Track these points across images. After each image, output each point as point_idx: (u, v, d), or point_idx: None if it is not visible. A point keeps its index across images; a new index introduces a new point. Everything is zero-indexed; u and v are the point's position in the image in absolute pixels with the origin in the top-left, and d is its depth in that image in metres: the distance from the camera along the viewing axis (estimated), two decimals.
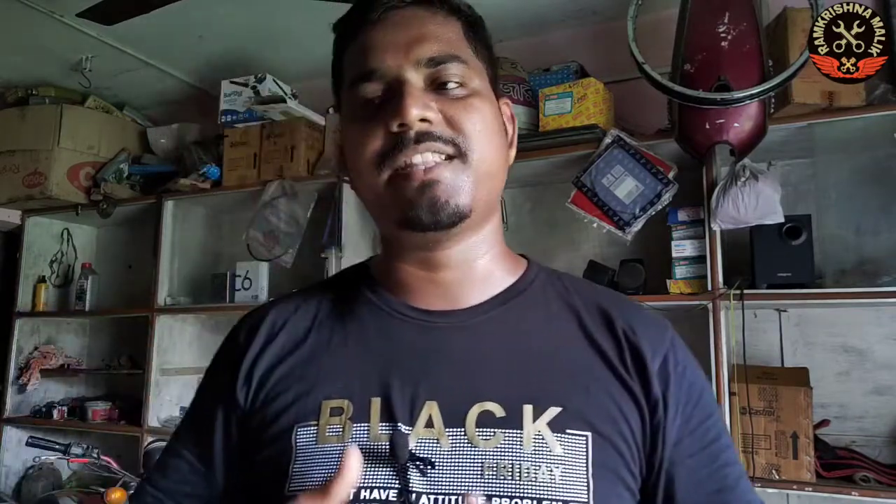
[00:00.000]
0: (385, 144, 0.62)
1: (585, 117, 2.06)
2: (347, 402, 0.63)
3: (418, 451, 0.60)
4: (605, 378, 0.64)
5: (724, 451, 0.66)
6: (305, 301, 0.73)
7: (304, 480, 0.61)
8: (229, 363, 0.70)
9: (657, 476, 0.63)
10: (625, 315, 0.68)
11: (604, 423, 0.62)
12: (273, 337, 0.70)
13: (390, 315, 0.68)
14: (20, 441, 2.92)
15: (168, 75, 2.88)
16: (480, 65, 0.68)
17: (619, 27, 1.98)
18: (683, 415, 0.64)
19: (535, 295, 0.70)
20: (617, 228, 2.02)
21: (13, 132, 2.84)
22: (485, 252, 0.69)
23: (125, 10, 1.97)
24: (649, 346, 0.66)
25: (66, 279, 3.17)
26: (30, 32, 2.49)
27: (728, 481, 0.64)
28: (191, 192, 2.71)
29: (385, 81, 0.63)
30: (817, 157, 2.04)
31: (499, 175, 0.67)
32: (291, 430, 0.63)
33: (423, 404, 0.62)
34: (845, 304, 1.90)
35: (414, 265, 0.68)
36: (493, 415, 0.61)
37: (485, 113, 0.65)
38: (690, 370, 0.67)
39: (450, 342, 0.65)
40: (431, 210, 0.61)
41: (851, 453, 1.84)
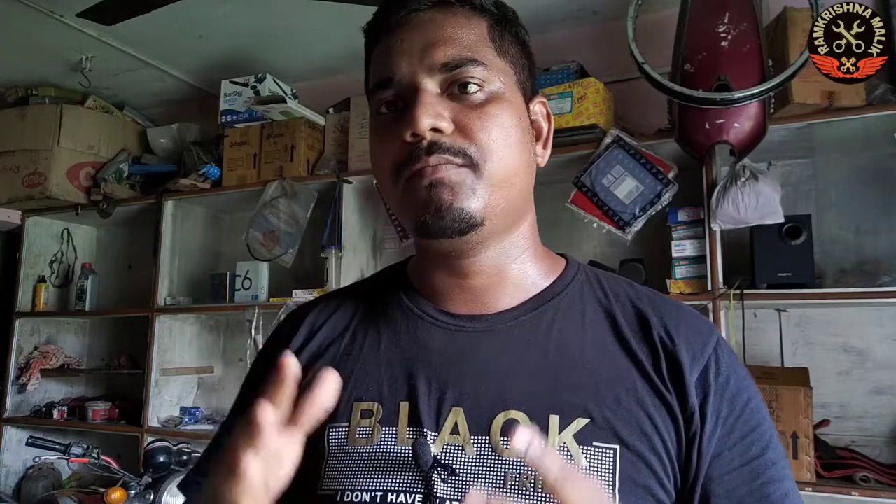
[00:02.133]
0: (400, 154, 0.62)
1: (585, 117, 2.06)
2: (377, 405, 0.64)
3: (443, 457, 0.60)
4: (638, 388, 0.62)
5: (770, 468, 0.61)
6: (346, 300, 0.74)
7: (335, 481, 0.62)
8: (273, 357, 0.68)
9: (691, 491, 0.60)
10: (664, 320, 0.65)
11: (634, 437, 0.59)
12: (313, 334, 0.71)
13: (421, 319, 0.68)
14: (20, 441, 2.92)
15: (168, 75, 2.88)
16: (505, 65, 0.65)
17: (619, 27, 1.98)
18: (724, 427, 0.61)
19: (570, 299, 0.68)
20: (617, 228, 2.02)
21: (13, 132, 2.84)
22: (517, 256, 0.67)
23: (125, 10, 1.97)
24: (688, 354, 0.63)
25: (66, 279, 3.17)
26: (30, 32, 2.49)
27: (770, 500, 0.60)
28: (191, 192, 2.71)
29: (401, 88, 0.63)
30: (817, 157, 2.04)
31: (520, 180, 0.65)
32: (324, 430, 0.64)
33: (450, 410, 0.62)
34: (845, 304, 1.90)
35: (443, 271, 0.68)
36: (518, 424, 0.60)
37: (502, 118, 0.63)
38: (735, 379, 0.63)
39: (478, 347, 0.65)
40: (438, 213, 0.60)
41: (851, 453, 1.84)
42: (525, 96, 0.67)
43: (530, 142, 0.67)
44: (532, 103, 0.69)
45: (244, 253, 2.57)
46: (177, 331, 2.80)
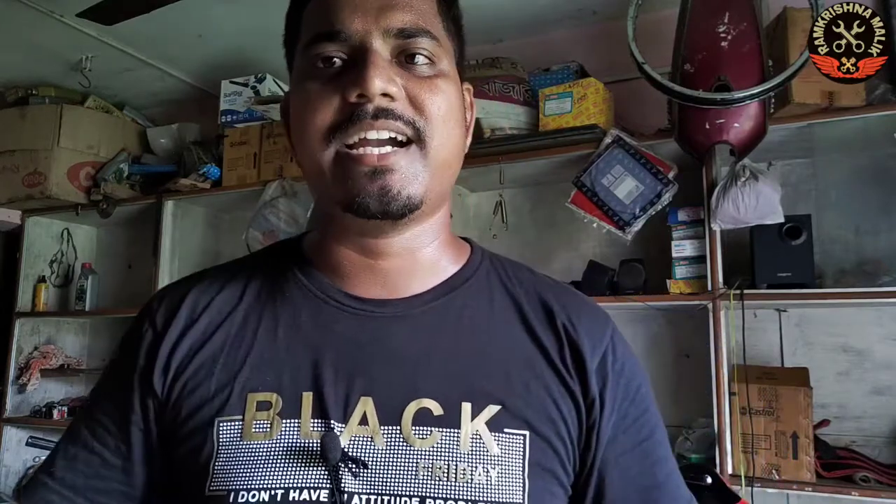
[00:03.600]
0: (338, 115, 0.57)
1: (585, 117, 2.06)
2: (276, 395, 0.59)
3: (351, 449, 0.57)
4: (545, 375, 0.62)
5: (657, 448, 0.65)
6: (231, 280, 0.67)
7: (227, 480, 0.57)
8: (145, 348, 0.63)
9: (589, 473, 0.62)
10: (566, 309, 0.66)
11: (542, 422, 0.60)
12: (194, 320, 0.64)
13: (325, 302, 0.63)
14: (20, 441, 2.92)
15: (168, 75, 2.88)
16: (450, 44, 0.63)
17: (619, 27, 1.98)
18: (619, 412, 0.63)
19: (478, 285, 0.67)
20: (617, 228, 2.02)
21: (13, 132, 2.84)
22: (431, 241, 0.64)
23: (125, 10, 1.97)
24: (589, 342, 0.64)
25: (66, 279, 3.16)
26: (30, 32, 2.49)
27: (658, 478, 0.64)
28: (191, 192, 2.71)
29: (349, 45, 0.58)
30: (817, 157, 2.04)
31: (455, 164, 0.63)
32: (212, 424, 0.59)
33: (358, 400, 0.58)
34: (845, 304, 1.90)
35: (353, 250, 0.63)
36: (430, 413, 0.58)
37: (450, 96, 0.60)
38: (629, 366, 0.66)
39: (388, 334, 0.61)
40: (381, 200, 0.56)
41: (851, 453, 1.84)
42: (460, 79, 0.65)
43: (465, 127, 0.65)
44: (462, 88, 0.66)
45: (244, 253, 2.55)
46: None
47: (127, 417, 0.63)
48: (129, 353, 0.65)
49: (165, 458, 0.62)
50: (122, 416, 0.63)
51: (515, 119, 2.19)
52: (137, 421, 0.63)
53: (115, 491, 0.63)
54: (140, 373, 0.63)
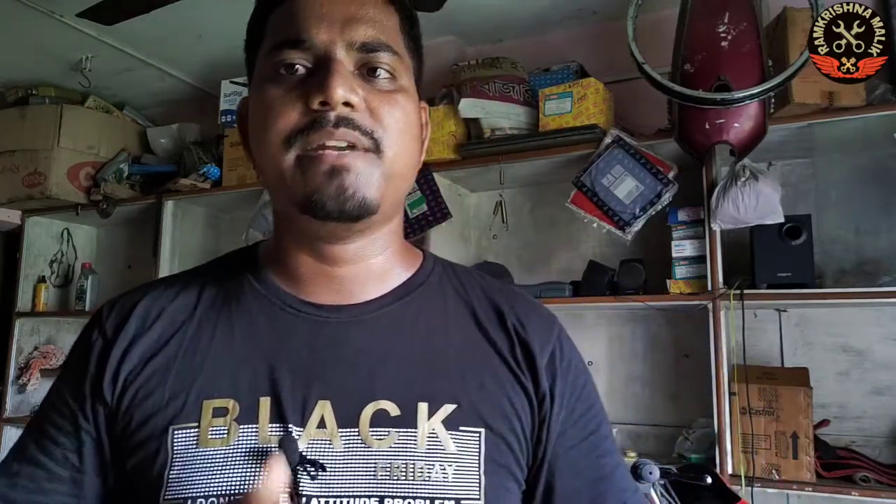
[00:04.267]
0: (300, 121, 0.58)
1: (585, 117, 2.06)
2: (233, 401, 0.59)
3: (310, 452, 0.57)
4: (499, 374, 0.64)
5: (603, 442, 0.68)
6: (186, 288, 0.67)
7: (183, 487, 0.56)
8: (95, 356, 0.63)
9: (540, 467, 0.64)
10: (515, 310, 0.68)
11: (496, 420, 0.62)
12: (146, 328, 0.63)
13: (282, 309, 0.64)
14: None
15: (168, 75, 2.88)
16: (410, 62, 0.65)
17: (619, 27, 1.98)
18: (567, 407, 0.66)
19: (431, 290, 0.68)
20: (617, 228, 2.02)
21: (13, 132, 2.84)
22: (384, 249, 0.66)
23: (125, 10, 1.97)
24: (538, 341, 0.66)
25: (66, 279, 3.17)
26: (30, 32, 2.49)
27: (605, 470, 0.66)
28: (191, 192, 2.71)
29: (313, 54, 0.59)
30: (817, 157, 2.04)
31: (409, 176, 0.64)
32: (166, 433, 0.58)
33: (316, 404, 0.59)
34: (845, 304, 1.90)
35: (309, 255, 0.64)
36: (387, 414, 0.59)
37: (408, 111, 0.62)
38: (575, 363, 0.68)
39: (344, 338, 0.63)
40: (338, 199, 0.57)
41: (851, 453, 1.84)
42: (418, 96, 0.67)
43: (420, 143, 0.67)
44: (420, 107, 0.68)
45: None
46: None
47: (77, 427, 0.62)
48: (79, 361, 0.64)
49: (118, 468, 0.62)
50: (72, 425, 0.62)
51: (515, 119, 2.19)
52: (89, 430, 0.62)
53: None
54: (90, 381, 0.62)
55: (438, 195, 2.26)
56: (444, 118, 2.26)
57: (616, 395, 2.25)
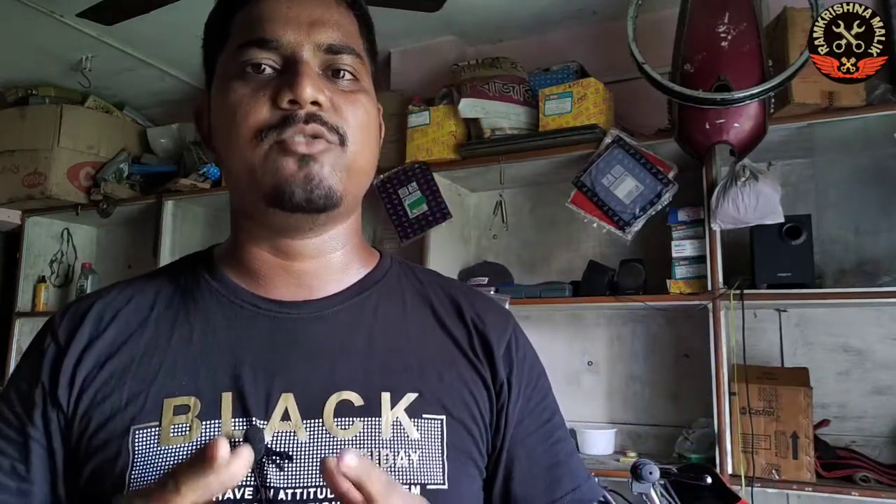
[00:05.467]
0: (269, 118, 0.59)
1: (585, 117, 2.06)
2: (194, 399, 0.59)
3: (275, 444, 0.58)
4: (457, 363, 0.66)
5: (558, 429, 0.71)
6: (140, 291, 0.67)
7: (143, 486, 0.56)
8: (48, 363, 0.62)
9: (499, 453, 0.67)
10: (473, 305, 0.71)
11: (456, 407, 0.64)
12: (100, 332, 0.63)
13: (240, 307, 0.65)
14: None
15: (168, 75, 2.88)
16: (368, 63, 0.67)
17: (619, 27, 1.98)
18: (524, 396, 0.68)
19: (389, 285, 0.71)
20: (617, 228, 2.02)
21: (13, 132, 2.84)
22: (343, 244, 0.68)
23: (125, 10, 1.97)
24: (495, 332, 0.69)
25: (66, 279, 3.17)
26: (30, 32, 2.49)
27: (560, 456, 0.70)
28: (191, 192, 2.72)
29: (281, 55, 0.61)
30: (817, 157, 2.04)
31: (369, 173, 0.66)
32: (127, 433, 0.58)
33: (279, 397, 0.60)
34: (845, 304, 1.90)
35: (268, 252, 0.65)
36: (351, 404, 0.61)
37: (369, 110, 0.65)
38: (530, 355, 0.72)
39: (305, 333, 0.64)
40: (306, 187, 0.59)
41: (851, 453, 1.84)
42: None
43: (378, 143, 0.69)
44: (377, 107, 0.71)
45: None
46: None
47: (26, 435, 0.61)
48: (30, 369, 0.63)
49: (74, 474, 0.60)
50: (20, 435, 0.61)
51: (515, 119, 2.19)
52: (39, 438, 0.61)
53: None
54: (42, 388, 0.61)
55: (438, 195, 2.26)
56: (444, 118, 2.26)
57: (616, 395, 2.25)
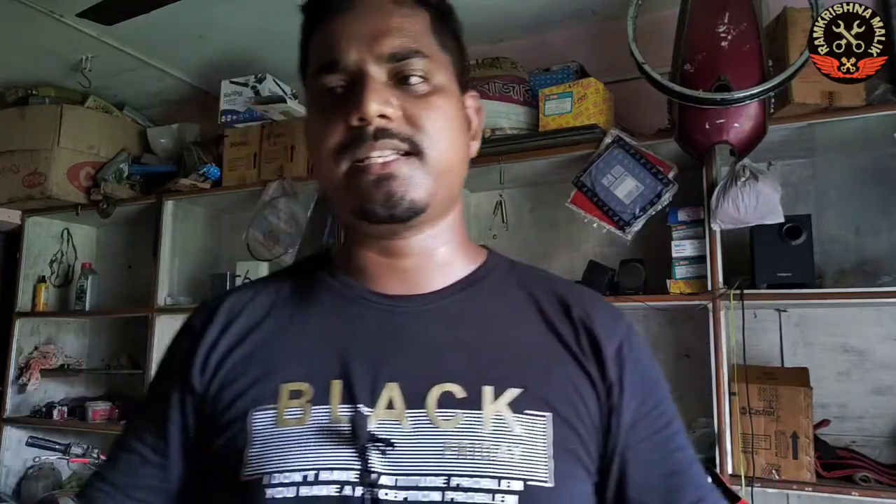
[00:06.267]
0: (344, 138, 0.62)
1: (585, 117, 2.06)
2: (307, 385, 0.63)
3: (379, 432, 0.60)
4: (563, 361, 0.66)
5: (677, 436, 0.68)
6: (264, 288, 0.73)
7: (262, 465, 0.61)
8: (185, 350, 0.70)
9: (611, 457, 0.65)
10: (582, 303, 0.70)
11: (563, 405, 0.63)
12: (230, 322, 0.70)
13: (352, 299, 0.69)
14: (20, 441, 2.92)
15: (168, 75, 2.88)
16: (445, 58, 0.68)
17: (619, 27, 1.98)
18: (638, 398, 0.66)
19: (494, 283, 0.71)
20: (617, 228, 2.02)
21: (13, 132, 2.84)
22: (445, 242, 0.70)
23: (125, 10, 1.97)
24: (604, 331, 0.68)
25: (66, 279, 3.16)
26: (30, 32, 2.49)
27: (680, 465, 0.67)
28: (191, 192, 2.71)
29: (347, 73, 0.63)
30: (817, 157, 2.04)
31: (458, 169, 0.68)
32: (247, 415, 0.63)
33: (384, 386, 0.62)
34: (845, 304, 1.90)
35: (374, 252, 0.69)
36: (453, 396, 0.62)
37: (445, 110, 0.65)
38: (644, 357, 0.70)
39: (411, 326, 0.66)
40: (386, 204, 0.62)
41: (851, 453, 1.84)
42: (461, 89, 0.70)
43: (466, 134, 0.70)
44: (465, 97, 0.71)
45: (244, 253, 2.57)
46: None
47: (166, 416, 0.68)
48: (172, 356, 0.72)
49: (203, 451, 0.66)
50: (161, 415, 0.69)
51: (515, 119, 2.19)
52: (175, 419, 0.68)
53: (152, 486, 0.68)
54: (180, 373, 0.69)
55: None
56: None
57: None
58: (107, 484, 0.69)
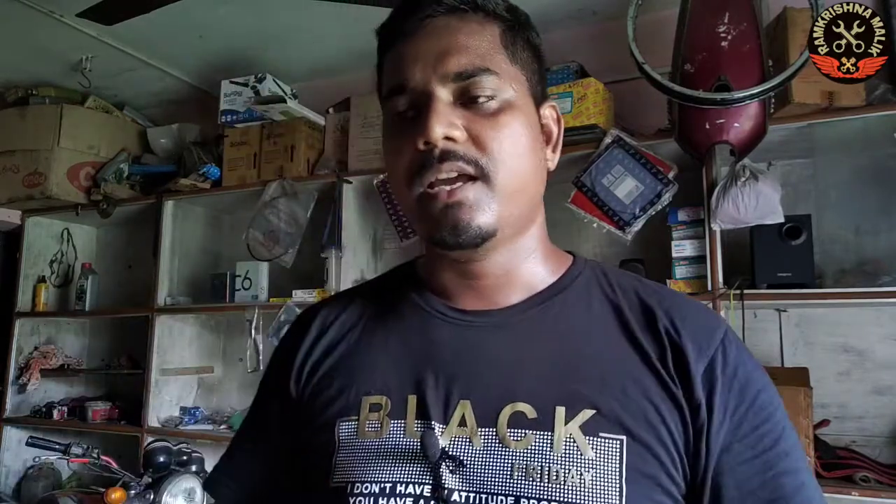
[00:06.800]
0: (413, 161, 0.63)
1: (585, 117, 2.06)
2: (385, 398, 0.65)
3: (451, 449, 0.61)
4: (644, 380, 0.62)
5: (784, 459, 0.61)
6: (354, 300, 0.76)
7: (345, 473, 0.63)
8: (284, 358, 0.74)
9: (702, 484, 0.60)
10: (670, 313, 0.66)
11: (640, 427, 0.60)
12: (323, 333, 0.73)
13: (430, 315, 0.70)
14: (20, 441, 2.92)
15: (168, 75, 2.88)
16: (517, 72, 0.66)
17: (619, 27, 1.98)
18: (733, 420, 0.61)
19: (576, 293, 0.69)
20: (617, 228, 2.02)
21: (13, 132, 2.84)
22: (526, 257, 0.69)
23: (125, 10, 1.97)
24: (694, 346, 0.63)
25: (66, 279, 3.16)
26: (30, 32, 2.49)
27: (785, 490, 0.60)
28: (191, 192, 2.71)
29: (414, 95, 0.63)
30: (817, 157, 2.04)
31: (531, 188, 0.66)
32: (335, 424, 0.66)
33: (457, 403, 0.63)
34: (845, 304, 1.90)
35: (453, 272, 0.69)
36: (525, 416, 0.61)
37: (514, 128, 0.63)
38: (743, 371, 0.63)
39: (486, 341, 0.66)
40: (454, 232, 0.62)
41: (851, 453, 1.84)
42: (536, 101, 0.68)
43: (541, 147, 0.68)
44: (542, 107, 0.70)
45: (244, 253, 2.57)
46: (176, 331, 2.79)
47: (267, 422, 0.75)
48: (273, 364, 0.77)
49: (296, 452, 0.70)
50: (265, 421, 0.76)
51: None
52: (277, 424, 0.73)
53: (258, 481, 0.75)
54: (280, 380, 0.73)
55: None
56: None
57: None
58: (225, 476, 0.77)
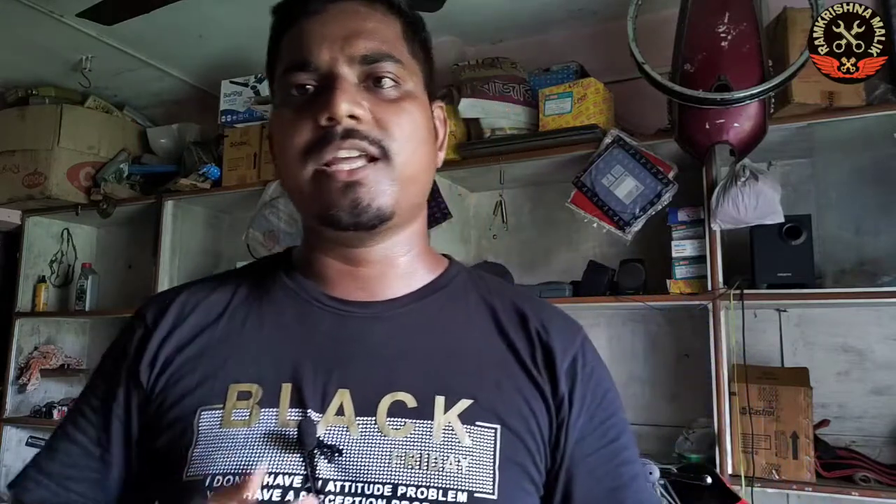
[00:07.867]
0: (312, 138, 0.61)
1: (585, 117, 2.06)
2: (257, 386, 0.63)
3: (327, 438, 0.60)
4: (516, 374, 0.66)
5: (624, 451, 0.68)
6: (221, 285, 0.72)
7: (205, 466, 0.60)
8: (134, 344, 0.68)
9: (558, 471, 0.65)
10: (539, 315, 0.70)
11: (513, 418, 0.63)
12: (183, 319, 0.68)
13: (308, 302, 0.68)
14: (20, 441, 2.92)
15: (168, 75, 2.88)
16: (416, 66, 0.68)
17: (619, 27, 1.98)
18: (587, 413, 0.66)
19: (454, 291, 0.71)
20: (617, 228, 2.02)
21: (13, 132, 2.84)
22: (407, 251, 0.69)
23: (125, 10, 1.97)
24: (560, 345, 0.68)
25: (66, 279, 3.16)
26: (30, 32, 2.49)
27: (624, 479, 0.67)
28: (191, 192, 2.71)
29: (318, 74, 0.63)
30: (817, 157, 2.04)
31: (424, 178, 0.67)
32: (194, 414, 0.62)
33: (335, 392, 0.62)
34: (845, 304, 1.90)
35: (335, 258, 0.68)
36: (404, 405, 0.62)
37: (415, 116, 0.65)
38: (598, 371, 0.69)
39: (366, 332, 0.66)
40: (353, 211, 0.61)
41: (851, 453, 1.84)
42: (430, 98, 0.70)
43: (433, 142, 0.70)
44: (433, 106, 0.71)
45: (244, 253, 2.57)
46: None
47: (109, 409, 0.67)
48: (119, 349, 0.70)
49: (146, 448, 0.66)
50: (105, 408, 0.68)
51: (515, 119, 2.19)
52: (119, 413, 0.67)
53: (88, 479, 0.67)
54: (127, 366, 0.67)
55: (438, 195, 2.26)
56: None
57: None
58: (42, 474, 0.67)
